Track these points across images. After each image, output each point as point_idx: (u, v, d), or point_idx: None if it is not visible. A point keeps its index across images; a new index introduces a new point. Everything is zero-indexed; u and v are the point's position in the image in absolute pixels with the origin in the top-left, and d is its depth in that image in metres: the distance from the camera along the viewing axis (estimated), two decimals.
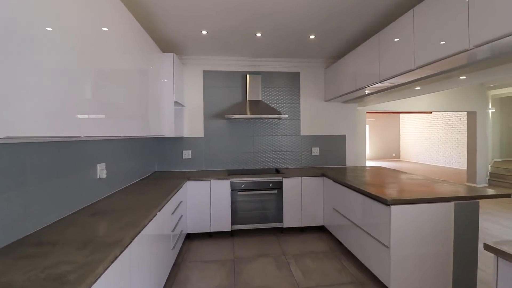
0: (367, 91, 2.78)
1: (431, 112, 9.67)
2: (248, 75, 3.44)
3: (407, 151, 11.51)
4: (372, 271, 2.12)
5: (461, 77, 3.28)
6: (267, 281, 2.21)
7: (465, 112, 7.25)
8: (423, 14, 1.86)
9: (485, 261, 2.32)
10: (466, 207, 1.94)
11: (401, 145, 11.93)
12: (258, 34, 2.65)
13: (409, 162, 11.07)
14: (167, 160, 3.48)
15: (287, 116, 3.28)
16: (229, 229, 3.07)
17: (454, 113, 8.93)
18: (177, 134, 3.21)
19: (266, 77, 3.60)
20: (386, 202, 1.88)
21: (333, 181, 2.85)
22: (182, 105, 3.38)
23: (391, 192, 2.09)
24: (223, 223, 3.06)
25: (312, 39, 2.78)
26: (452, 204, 1.92)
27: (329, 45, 3.04)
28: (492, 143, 6.51)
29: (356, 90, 2.79)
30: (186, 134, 3.48)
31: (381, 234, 1.97)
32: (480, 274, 2.11)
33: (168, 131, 2.82)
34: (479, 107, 5.61)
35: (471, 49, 1.49)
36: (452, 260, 1.93)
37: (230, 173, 3.20)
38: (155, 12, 2.16)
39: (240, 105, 3.34)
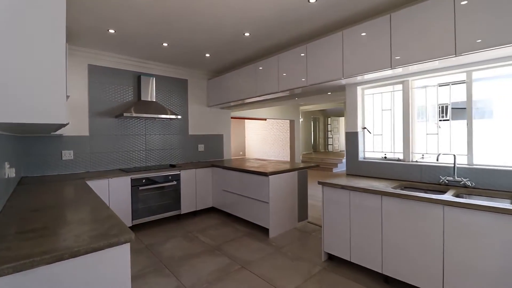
0: (246, 101, 3.87)
1: (266, 119, 12.95)
2: (141, 76, 3.59)
3: (250, 149, 14.50)
4: (257, 223, 3.17)
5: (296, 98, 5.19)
6: (187, 250, 2.71)
7: (288, 120, 10.51)
8: (284, 58, 3.12)
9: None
10: (302, 173, 3.42)
11: (246, 145, 14.83)
12: (165, 44, 3.02)
13: (252, 158, 13.98)
14: (39, 163, 2.93)
15: (180, 117, 3.76)
16: (130, 225, 3.15)
17: (280, 120, 12.43)
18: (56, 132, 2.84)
19: (158, 80, 3.87)
20: (266, 174, 2.98)
21: (223, 168, 3.70)
22: None
23: (267, 169, 3.24)
24: (124, 220, 3.09)
25: (207, 57, 3.50)
26: (296, 172, 3.33)
27: (217, 63, 3.87)
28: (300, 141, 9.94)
29: (238, 100, 3.80)
30: (66, 132, 3.08)
31: (263, 195, 3.04)
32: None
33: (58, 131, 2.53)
34: (295, 117, 8.48)
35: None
36: (297, 203, 3.34)
37: (125, 171, 3.25)
38: None
39: (133, 104, 3.43)
